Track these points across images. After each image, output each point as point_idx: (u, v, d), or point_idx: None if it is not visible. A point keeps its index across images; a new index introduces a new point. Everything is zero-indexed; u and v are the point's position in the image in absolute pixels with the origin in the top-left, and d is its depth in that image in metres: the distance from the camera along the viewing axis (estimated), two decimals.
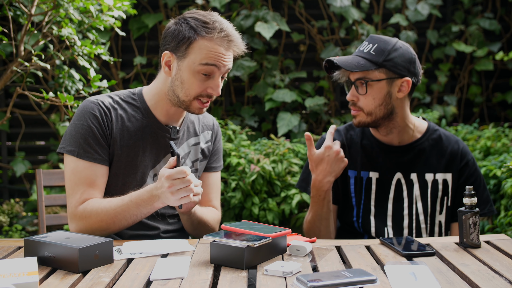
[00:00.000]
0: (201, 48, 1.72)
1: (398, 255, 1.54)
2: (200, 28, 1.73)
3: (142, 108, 1.85)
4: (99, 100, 1.80)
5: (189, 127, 1.95)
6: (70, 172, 1.75)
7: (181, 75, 1.76)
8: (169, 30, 1.78)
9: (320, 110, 4.24)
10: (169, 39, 1.77)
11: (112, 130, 1.78)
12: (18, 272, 1.28)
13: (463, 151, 2.09)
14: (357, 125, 2.02)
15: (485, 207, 2.06)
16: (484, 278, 1.33)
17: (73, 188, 1.74)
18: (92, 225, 1.70)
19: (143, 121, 1.84)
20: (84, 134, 1.75)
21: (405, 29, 4.43)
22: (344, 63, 1.93)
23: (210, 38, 1.72)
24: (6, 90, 4.35)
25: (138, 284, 1.30)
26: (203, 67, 1.73)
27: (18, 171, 4.17)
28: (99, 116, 1.76)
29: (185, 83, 1.76)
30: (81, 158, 1.74)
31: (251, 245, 1.40)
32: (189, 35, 1.73)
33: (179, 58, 1.75)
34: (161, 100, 1.84)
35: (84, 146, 1.74)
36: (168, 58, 1.78)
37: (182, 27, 1.75)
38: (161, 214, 1.90)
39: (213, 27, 1.73)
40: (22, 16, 2.50)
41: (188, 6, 4.29)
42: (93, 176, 1.74)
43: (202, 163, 1.98)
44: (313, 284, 1.22)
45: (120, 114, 1.81)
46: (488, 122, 4.56)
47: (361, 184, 2.07)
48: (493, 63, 4.47)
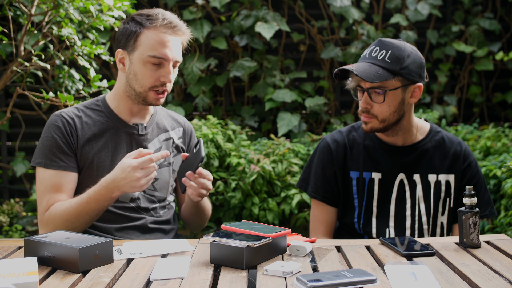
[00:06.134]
0: (148, 38, 1.83)
1: (398, 255, 1.54)
2: (144, 21, 1.84)
3: (106, 111, 1.93)
4: (62, 112, 1.90)
5: (158, 123, 2.02)
6: (39, 182, 1.86)
7: (134, 68, 1.86)
8: (119, 31, 1.90)
9: (320, 110, 4.24)
10: (119, 38, 1.89)
11: (77, 137, 1.87)
12: (18, 272, 1.28)
13: (466, 152, 2.09)
14: (368, 131, 2.01)
15: (486, 209, 2.06)
16: (484, 278, 1.33)
17: (41, 196, 1.84)
18: (58, 227, 1.78)
19: (109, 123, 1.92)
20: (49, 145, 1.85)
21: (405, 29, 4.43)
22: (364, 74, 1.89)
23: (154, 27, 1.83)
24: (6, 90, 4.34)
25: (138, 284, 1.30)
26: (152, 58, 1.82)
27: (18, 171, 4.17)
28: (61, 126, 1.86)
29: (138, 75, 1.85)
30: (47, 168, 1.84)
31: (251, 245, 1.40)
32: (135, 29, 1.84)
33: (130, 53, 1.86)
34: (122, 99, 1.93)
35: (50, 156, 1.84)
36: (121, 55, 1.89)
37: (129, 24, 1.87)
38: (144, 208, 1.95)
39: (156, 17, 1.84)
40: (22, 16, 2.50)
41: (188, 6, 4.29)
42: (59, 183, 1.83)
43: (176, 157, 2.04)
44: (313, 284, 1.22)
45: (85, 121, 1.90)
46: (488, 122, 4.56)
47: (363, 185, 2.07)
48: (493, 63, 4.47)
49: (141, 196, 1.94)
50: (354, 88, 2.01)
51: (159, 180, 1.99)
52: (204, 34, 4.12)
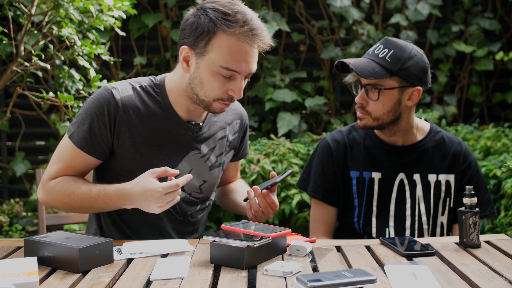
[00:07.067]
0: (222, 45, 1.57)
1: (398, 255, 1.54)
2: (221, 21, 1.57)
3: (163, 102, 1.72)
4: (115, 91, 1.67)
5: (215, 121, 1.83)
6: (61, 146, 1.71)
7: (200, 74, 1.63)
8: (187, 22, 1.63)
9: (320, 110, 4.24)
10: (188, 32, 1.62)
11: (122, 125, 1.67)
12: (18, 272, 1.28)
13: (466, 152, 2.09)
14: (362, 128, 2.01)
15: (486, 209, 2.06)
16: (484, 278, 1.33)
17: (55, 161, 1.71)
18: (57, 204, 1.69)
19: (163, 118, 1.71)
20: (85, 121, 1.66)
21: (405, 29, 4.43)
22: (360, 69, 1.89)
23: (231, 33, 1.56)
24: (6, 90, 4.35)
25: (138, 284, 1.30)
26: (223, 70, 1.59)
27: (18, 171, 4.17)
28: (106, 109, 1.65)
29: (205, 83, 1.63)
30: (73, 143, 1.67)
31: (251, 245, 1.40)
32: (208, 29, 1.57)
33: (198, 55, 1.61)
34: (180, 96, 1.71)
35: (81, 134, 1.66)
36: (186, 53, 1.63)
37: (201, 19, 1.59)
38: (182, 212, 1.82)
39: (235, 19, 1.57)
40: (22, 16, 2.50)
41: (188, 6, 4.28)
42: (76, 163, 1.69)
43: (227, 155, 1.89)
44: (313, 284, 1.22)
45: (138, 106, 1.69)
46: (488, 122, 4.56)
47: (363, 184, 2.07)
48: (493, 63, 4.47)
49: (182, 201, 1.79)
50: (354, 83, 2.01)
51: (208, 182, 1.84)
52: None
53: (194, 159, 1.78)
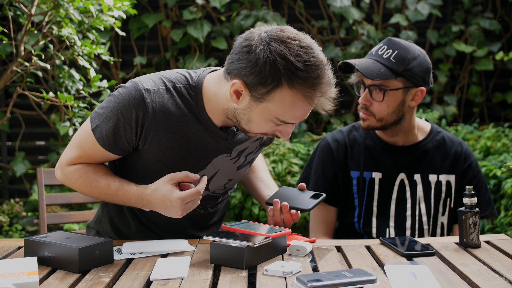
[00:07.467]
0: (284, 101, 1.43)
1: (398, 255, 1.54)
2: (289, 75, 1.40)
3: (197, 107, 1.58)
4: (148, 96, 1.53)
5: None
6: (84, 132, 1.61)
7: (251, 115, 1.49)
8: (250, 56, 1.43)
9: None
10: (244, 66, 1.44)
11: (149, 126, 1.55)
12: (18, 272, 1.28)
13: (467, 152, 2.09)
14: (365, 128, 2.01)
15: (486, 209, 2.06)
16: (484, 278, 1.33)
17: (76, 145, 1.63)
18: (75, 189, 1.67)
19: (196, 123, 1.59)
20: (114, 121, 1.54)
21: (405, 29, 4.43)
22: (365, 70, 1.89)
23: (298, 90, 1.42)
24: (6, 90, 4.34)
25: (138, 284, 1.30)
26: (278, 121, 1.49)
27: (18, 171, 4.17)
28: (140, 115, 1.53)
29: (253, 124, 1.51)
30: (95, 135, 1.58)
31: (251, 245, 1.40)
32: (272, 78, 1.41)
33: (253, 98, 1.46)
34: (218, 110, 1.57)
35: (103, 131, 1.56)
36: (239, 87, 1.46)
37: (267, 64, 1.40)
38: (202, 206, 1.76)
39: (306, 76, 1.41)
40: (22, 16, 2.50)
41: (188, 6, 4.29)
42: (95, 155, 1.63)
43: (257, 153, 1.81)
44: (313, 284, 1.22)
45: (167, 107, 1.55)
46: (488, 122, 4.56)
47: (363, 184, 2.06)
48: (493, 63, 4.47)
49: (203, 198, 1.67)
50: (357, 84, 2.01)
51: (233, 180, 1.78)
52: (204, 34, 4.12)
53: (222, 161, 1.69)
